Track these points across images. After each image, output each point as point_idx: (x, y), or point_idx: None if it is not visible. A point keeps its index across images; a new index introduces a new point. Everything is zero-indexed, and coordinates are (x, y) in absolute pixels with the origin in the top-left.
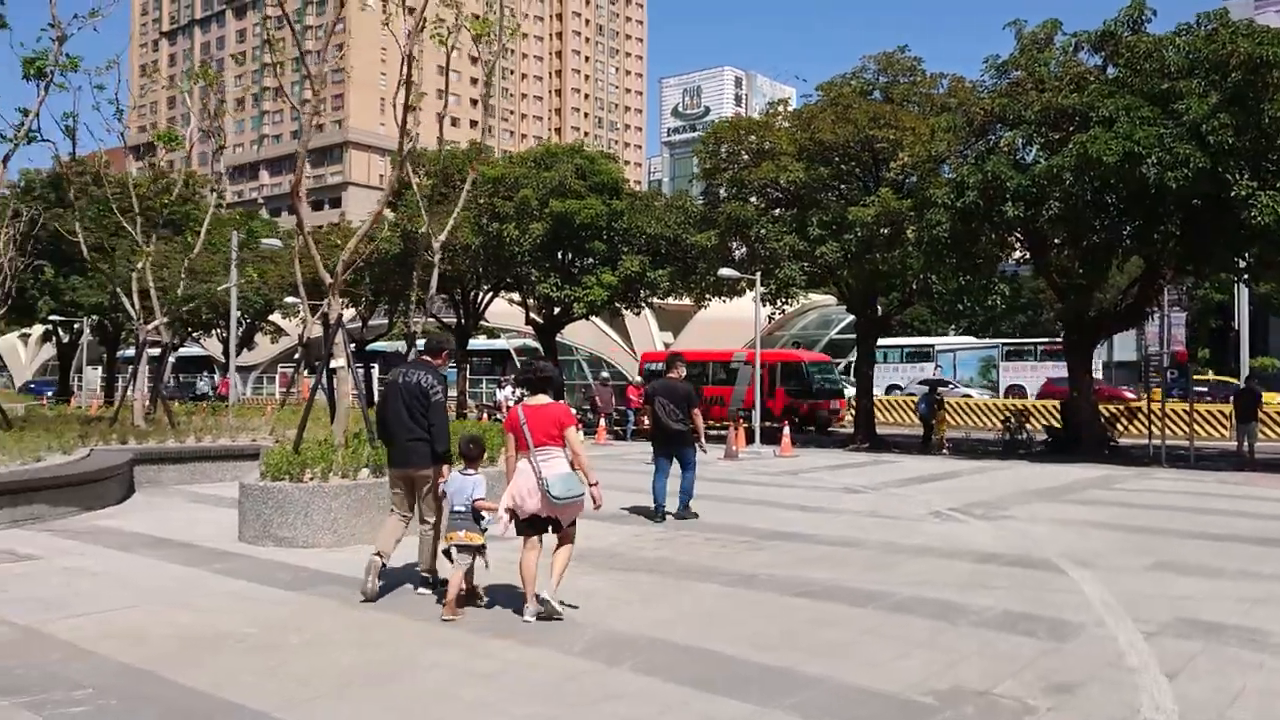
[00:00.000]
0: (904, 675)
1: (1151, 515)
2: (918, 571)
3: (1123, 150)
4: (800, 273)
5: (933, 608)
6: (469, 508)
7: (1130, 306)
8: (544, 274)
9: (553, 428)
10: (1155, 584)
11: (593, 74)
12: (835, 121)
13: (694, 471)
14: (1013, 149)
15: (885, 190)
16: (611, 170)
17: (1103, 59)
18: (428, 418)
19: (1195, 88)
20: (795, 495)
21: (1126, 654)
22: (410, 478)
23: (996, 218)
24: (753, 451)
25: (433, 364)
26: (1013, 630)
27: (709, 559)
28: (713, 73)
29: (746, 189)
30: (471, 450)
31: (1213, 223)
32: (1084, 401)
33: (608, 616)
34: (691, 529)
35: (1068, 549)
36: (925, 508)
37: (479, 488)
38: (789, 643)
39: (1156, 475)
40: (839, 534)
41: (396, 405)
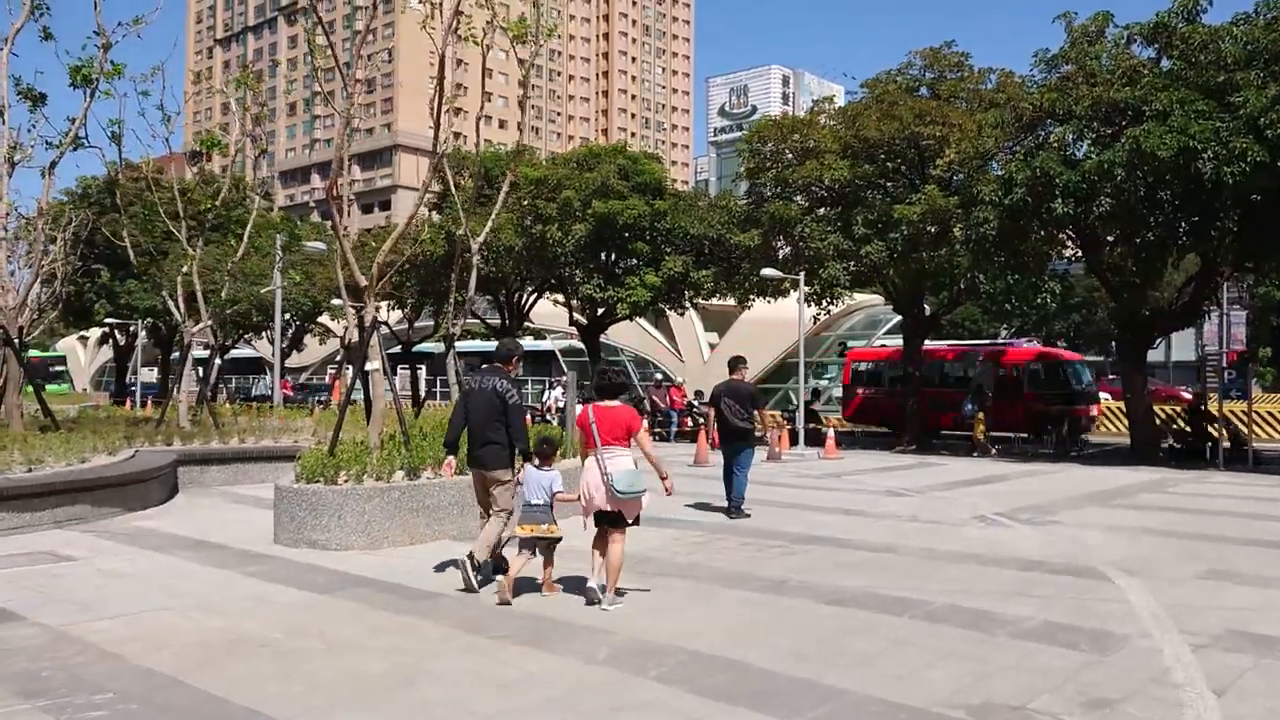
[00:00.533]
0: (934, 688)
1: (1205, 521)
2: (956, 579)
3: (1178, 145)
4: (845, 272)
5: (969, 617)
6: (546, 501)
7: (1186, 305)
8: (587, 275)
9: (619, 429)
10: (1206, 594)
11: (639, 74)
12: (880, 119)
13: (746, 473)
14: (1062, 145)
15: (931, 188)
16: (654, 170)
17: (1156, 51)
18: (506, 419)
19: (1253, 79)
20: (836, 499)
21: (1172, 668)
22: (484, 477)
23: (1045, 215)
24: (796, 454)
25: (504, 369)
26: (1053, 641)
27: (742, 564)
28: (759, 71)
29: (790, 188)
30: (545, 449)
31: (1272, 218)
32: (1138, 403)
33: (635, 623)
34: (727, 533)
35: (1115, 556)
36: (970, 512)
37: (557, 482)
38: (817, 653)
39: (1213, 479)
40: (877, 539)
41: (475, 410)
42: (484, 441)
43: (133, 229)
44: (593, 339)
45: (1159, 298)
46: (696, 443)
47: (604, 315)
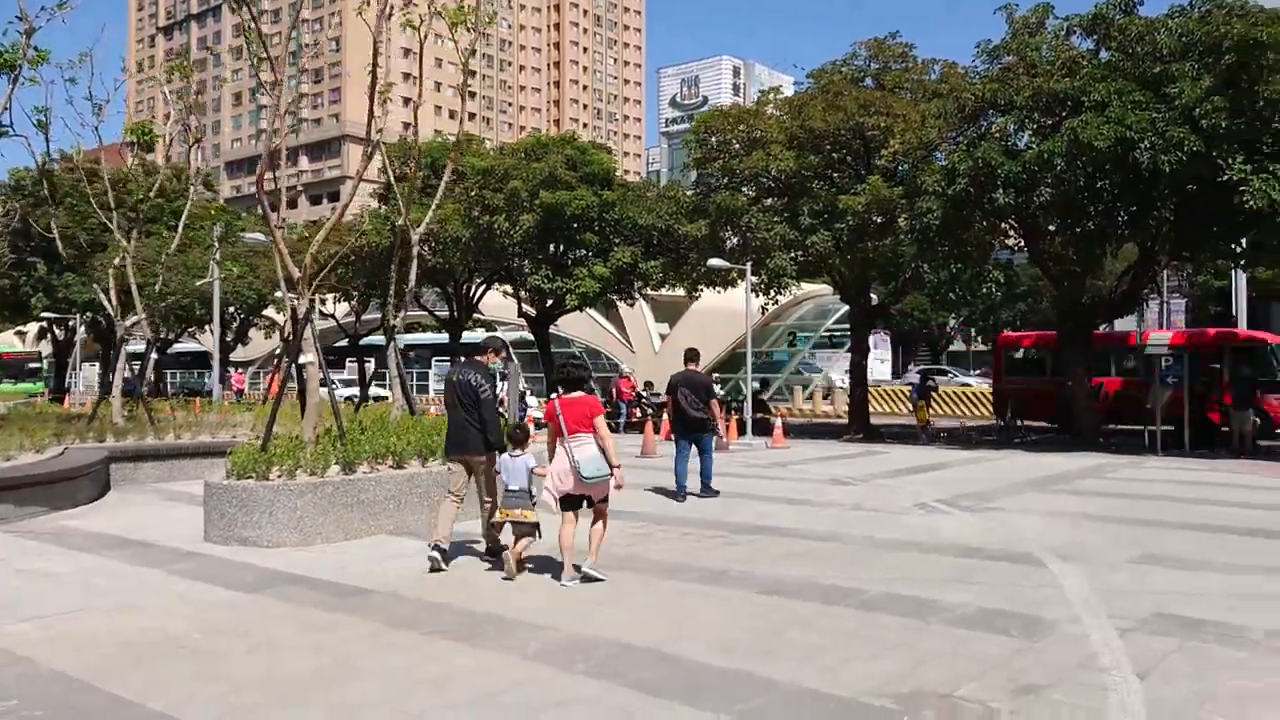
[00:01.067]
0: (866, 678)
1: (1141, 505)
2: (896, 567)
3: (1115, 135)
4: (791, 262)
5: (907, 605)
6: (524, 487)
7: (1125, 293)
8: (535, 266)
9: (584, 417)
10: (1138, 578)
11: (591, 65)
12: (826, 109)
13: (712, 456)
14: (1004, 135)
15: (876, 178)
16: (603, 160)
17: (1095, 43)
18: (479, 410)
19: (1188, 71)
20: (781, 488)
21: (1100, 653)
22: (468, 462)
23: (988, 205)
24: (744, 443)
25: (482, 363)
26: (986, 628)
27: (682, 555)
28: (710, 62)
29: (738, 178)
30: (518, 435)
31: (1207, 207)
32: (1079, 390)
33: (569, 616)
34: (669, 524)
35: (1052, 541)
36: (912, 500)
37: (532, 463)
38: (751, 644)
39: (1150, 463)
40: (820, 528)
41: (454, 400)
42: (462, 430)
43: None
44: (542, 330)
45: (1100, 286)
46: (643, 434)
47: (553, 306)
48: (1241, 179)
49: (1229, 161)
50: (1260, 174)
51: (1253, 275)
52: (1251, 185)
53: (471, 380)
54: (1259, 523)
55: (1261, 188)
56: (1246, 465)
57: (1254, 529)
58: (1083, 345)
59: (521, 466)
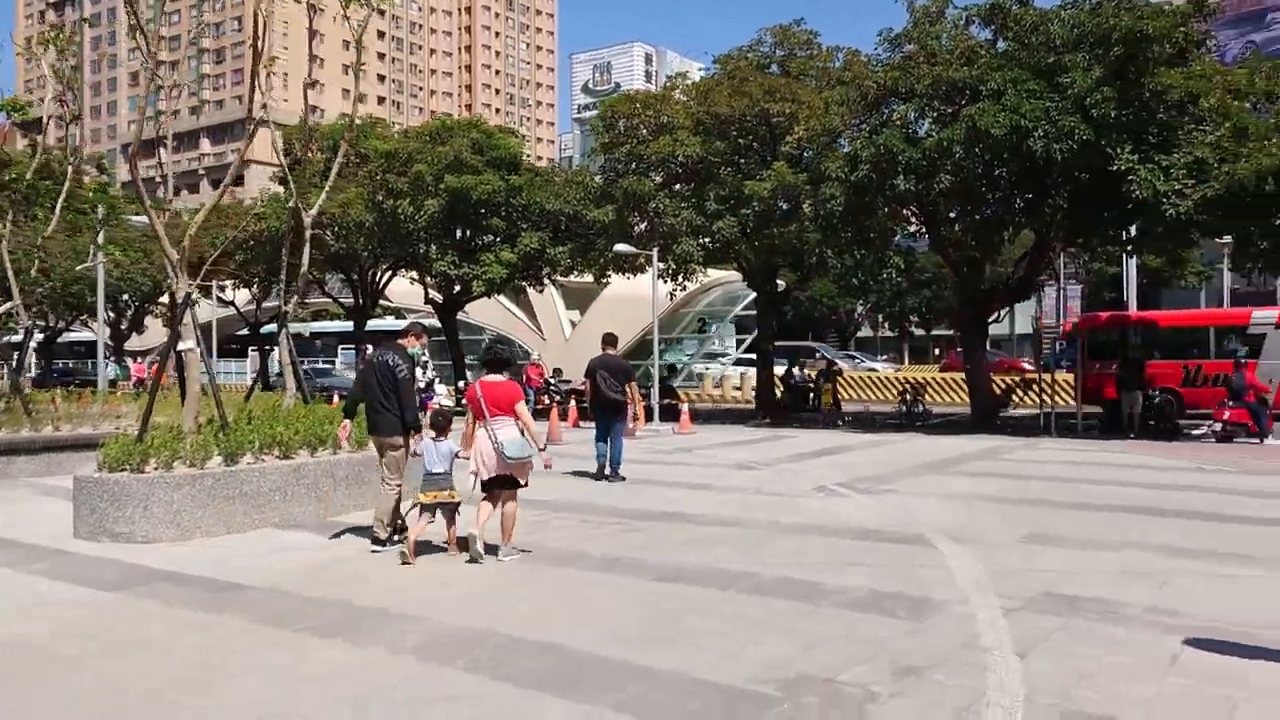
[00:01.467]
0: (752, 664)
1: (1032, 486)
2: (791, 551)
3: (1011, 123)
4: (698, 248)
5: (799, 589)
6: (447, 469)
7: (1022, 279)
8: (441, 251)
9: (505, 401)
10: (1025, 557)
11: (503, 49)
12: (732, 95)
13: (622, 441)
14: (905, 122)
15: (781, 164)
16: (510, 145)
17: (993, 32)
18: (396, 392)
19: (1080, 61)
20: (685, 473)
21: (983, 633)
22: (382, 443)
23: (889, 191)
24: (651, 429)
25: (402, 345)
26: (874, 611)
27: (580, 542)
28: (623, 49)
29: (645, 163)
30: (440, 420)
31: (1098, 196)
32: (977, 374)
33: (454, 608)
34: (568, 511)
35: (945, 523)
36: (813, 483)
37: (455, 447)
38: (639, 632)
39: (1043, 445)
40: (720, 513)
41: (372, 382)
42: (379, 411)
43: None
44: (450, 317)
45: (998, 272)
46: (549, 421)
47: (461, 293)
48: (1129, 168)
49: (1118, 151)
50: (1146, 164)
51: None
52: (1138, 175)
53: (390, 361)
54: (1141, 501)
55: (1147, 177)
56: (1136, 446)
57: (1136, 507)
58: (980, 330)
59: (444, 450)
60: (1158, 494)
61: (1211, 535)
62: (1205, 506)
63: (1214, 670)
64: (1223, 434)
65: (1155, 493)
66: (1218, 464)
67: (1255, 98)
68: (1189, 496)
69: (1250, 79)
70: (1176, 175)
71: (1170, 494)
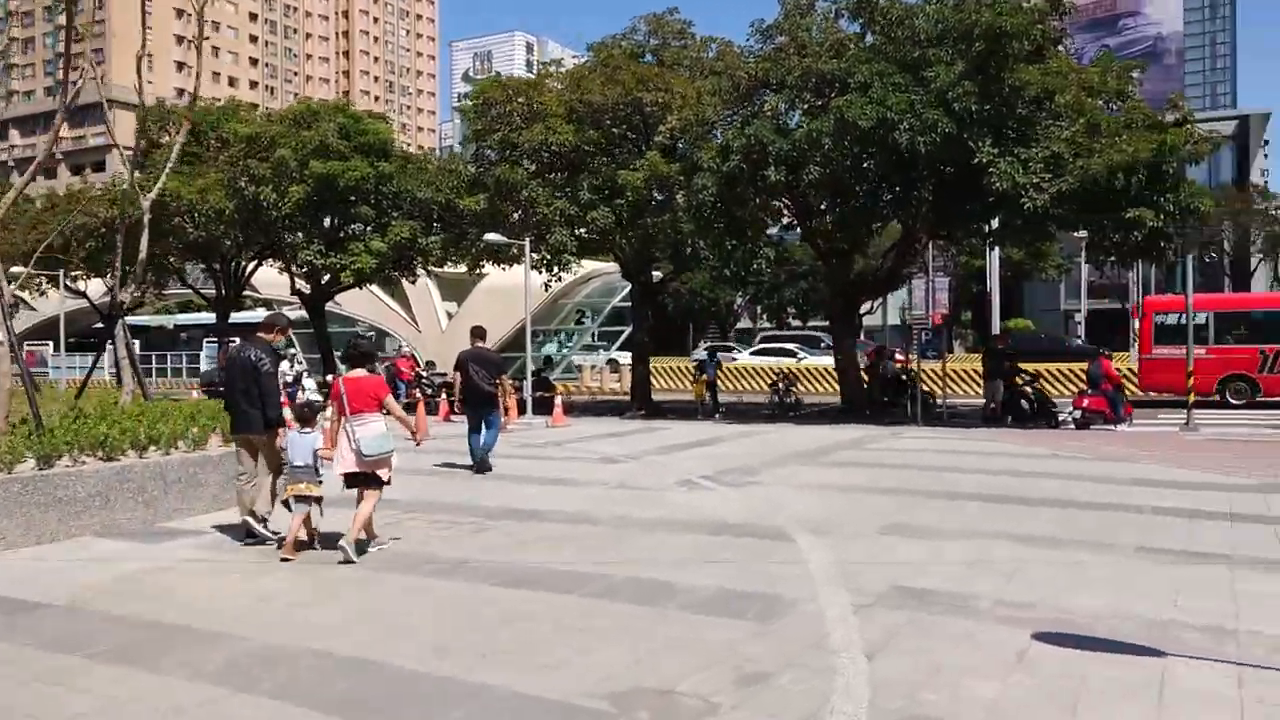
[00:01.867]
0: (587, 675)
1: (896, 475)
2: (645, 548)
3: (877, 115)
4: (572, 238)
5: (646, 590)
6: (309, 463)
7: (890, 271)
8: (307, 240)
9: (368, 397)
10: (882, 549)
11: (382, 36)
12: (605, 83)
13: (496, 432)
14: (776, 113)
15: (654, 154)
16: (379, 130)
17: (861, 26)
18: (259, 387)
19: (943, 56)
20: (550, 468)
21: (832, 633)
22: (250, 441)
23: (760, 182)
24: (524, 423)
25: (265, 339)
26: (723, 612)
27: (425, 544)
28: (504, 38)
29: (518, 151)
30: (306, 413)
31: (962, 188)
32: (848, 363)
33: (274, 624)
34: (420, 510)
35: (806, 515)
36: (679, 476)
37: (318, 442)
38: (471, 644)
39: (909, 434)
40: (577, 509)
41: (234, 377)
42: (243, 407)
43: None
44: (318, 309)
45: (868, 264)
46: (416, 415)
47: (329, 283)
48: (990, 161)
49: (979, 145)
50: (1005, 157)
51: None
52: (998, 168)
53: (251, 356)
54: (998, 488)
55: (1007, 170)
56: (999, 434)
57: (993, 495)
58: (851, 321)
59: (308, 443)
60: (1015, 481)
61: (1063, 522)
62: (1058, 493)
63: (1059, 666)
64: (1081, 421)
65: (1013, 480)
66: (1072, 451)
67: (1107, 96)
68: (1044, 483)
69: (1103, 78)
70: (1034, 169)
71: (1027, 481)
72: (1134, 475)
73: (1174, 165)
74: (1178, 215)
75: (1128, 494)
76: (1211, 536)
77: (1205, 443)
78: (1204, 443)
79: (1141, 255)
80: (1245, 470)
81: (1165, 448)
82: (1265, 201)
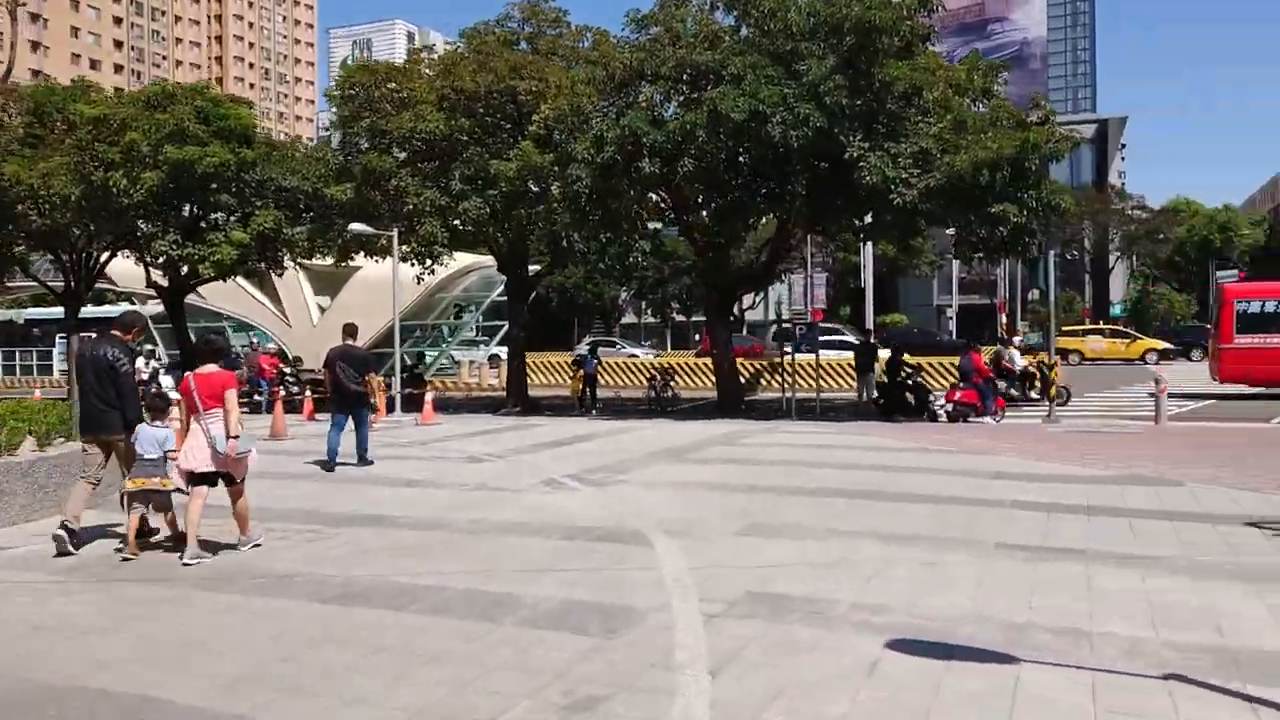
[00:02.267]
0: (398, 709)
1: (764, 472)
2: (493, 555)
3: (750, 108)
4: (443, 230)
5: (485, 604)
6: (160, 457)
7: (765, 265)
8: (163, 230)
9: (219, 392)
10: (741, 551)
11: (258, 21)
12: (477, 70)
13: (367, 428)
14: (651, 104)
15: (527, 144)
16: (241, 115)
17: (735, 18)
18: (116, 387)
19: (816, 50)
20: (410, 468)
21: (678, 647)
22: (105, 442)
23: (635, 174)
24: (392, 420)
25: (121, 338)
26: (564, 626)
27: (251, 556)
28: (384, 26)
29: (387, 139)
30: (158, 404)
31: (835, 183)
32: (724, 358)
33: (47, 653)
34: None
35: (667, 515)
36: (544, 475)
37: (170, 440)
38: (277, 675)
39: (782, 429)
40: (430, 514)
41: (88, 377)
42: (99, 407)
43: None
44: (178, 302)
45: (746, 258)
46: (274, 414)
47: (188, 276)
48: (860, 156)
49: (850, 139)
50: (876, 152)
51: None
52: (868, 163)
53: (107, 355)
54: (865, 484)
55: (877, 165)
56: (869, 428)
57: (859, 491)
58: (727, 316)
59: (158, 437)
60: (882, 476)
61: (926, 518)
62: (923, 488)
63: (911, 677)
64: (954, 414)
65: (880, 475)
66: (941, 444)
67: (974, 94)
68: (911, 478)
69: (969, 76)
70: (904, 164)
71: (894, 476)
72: (997, 469)
73: (1036, 163)
74: (1040, 212)
75: (989, 488)
76: (1069, 530)
77: (1066, 436)
78: (1065, 436)
79: (1006, 251)
80: (1103, 462)
81: (1029, 441)
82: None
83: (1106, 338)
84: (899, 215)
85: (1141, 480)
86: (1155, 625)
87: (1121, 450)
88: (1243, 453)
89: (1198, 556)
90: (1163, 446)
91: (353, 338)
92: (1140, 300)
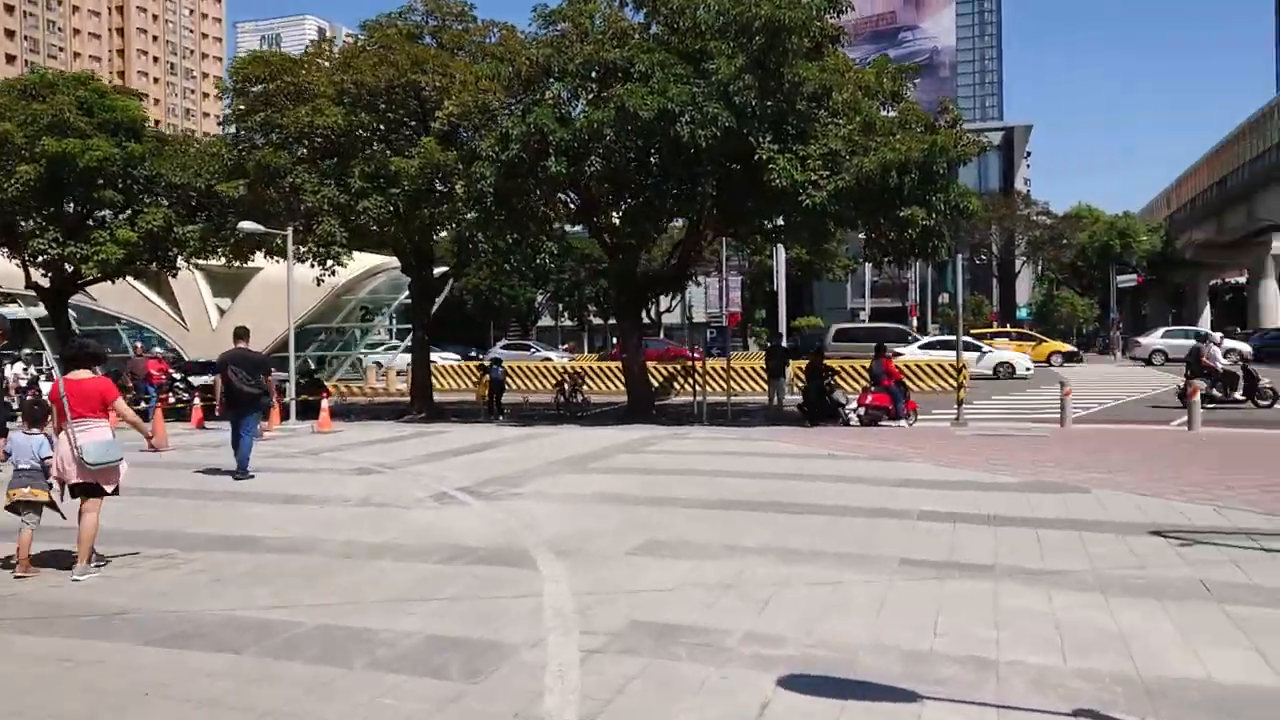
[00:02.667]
0: None
1: (667, 482)
2: (358, 583)
3: (658, 106)
4: (341, 229)
5: (338, 642)
6: (35, 466)
7: (676, 267)
8: (41, 227)
9: (92, 400)
10: (633, 572)
11: (162, 13)
12: (377, 64)
13: (252, 437)
14: (558, 101)
15: (430, 140)
16: (129, 107)
17: (645, 15)
18: None
19: (725, 48)
20: (291, 481)
21: (548, 692)
22: None
23: (541, 173)
24: (288, 428)
25: None
26: (423, 669)
27: (86, 588)
28: (293, 20)
29: (283, 134)
30: (36, 411)
31: (745, 184)
32: (634, 361)
33: None
34: (111, 541)
35: (558, 532)
36: (434, 488)
37: (44, 447)
38: None
39: (692, 435)
40: (301, 534)
41: None
42: None
43: None
44: (60, 304)
45: (659, 260)
46: (154, 420)
47: (72, 276)
48: (769, 158)
49: (759, 140)
50: (785, 154)
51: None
52: (777, 164)
53: None
54: (769, 494)
55: (785, 167)
56: (778, 433)
57: (762, 502)
58: (638, 318)
59: (34, 445)
60: (787, 485)
61: (829, 532)
62: (828, 498)
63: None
64: (866, 418)
65: (784, 483)
66: (849, 450)
67: (883, 97)
68: (815, 487)
69: (878, 78)
70: (813, 166)
71: (799, 484)
72: (904, 476)
73: (944, 166)
74: (948, 214)
75: (896, 496)
76: (975, 543)
77: (974, 439)
78: (973, 439)
79: (915, 254)
80: (1010, 469)
81: (936, 445)
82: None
83: (1013, 340)
84: (809, 217)
85: (1048, 487)
86: (1064, 651)
87: (1028, 454)
88: (1147, 455)
89: (1105, 570)
90: (1068, 449)
91: (245, 340)
92: (1045, 304)
